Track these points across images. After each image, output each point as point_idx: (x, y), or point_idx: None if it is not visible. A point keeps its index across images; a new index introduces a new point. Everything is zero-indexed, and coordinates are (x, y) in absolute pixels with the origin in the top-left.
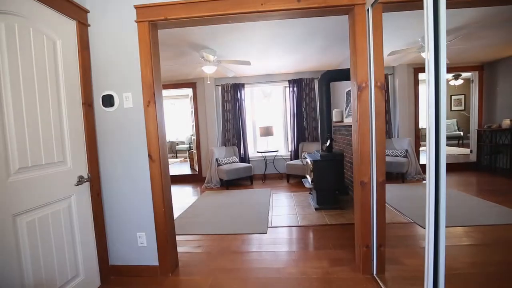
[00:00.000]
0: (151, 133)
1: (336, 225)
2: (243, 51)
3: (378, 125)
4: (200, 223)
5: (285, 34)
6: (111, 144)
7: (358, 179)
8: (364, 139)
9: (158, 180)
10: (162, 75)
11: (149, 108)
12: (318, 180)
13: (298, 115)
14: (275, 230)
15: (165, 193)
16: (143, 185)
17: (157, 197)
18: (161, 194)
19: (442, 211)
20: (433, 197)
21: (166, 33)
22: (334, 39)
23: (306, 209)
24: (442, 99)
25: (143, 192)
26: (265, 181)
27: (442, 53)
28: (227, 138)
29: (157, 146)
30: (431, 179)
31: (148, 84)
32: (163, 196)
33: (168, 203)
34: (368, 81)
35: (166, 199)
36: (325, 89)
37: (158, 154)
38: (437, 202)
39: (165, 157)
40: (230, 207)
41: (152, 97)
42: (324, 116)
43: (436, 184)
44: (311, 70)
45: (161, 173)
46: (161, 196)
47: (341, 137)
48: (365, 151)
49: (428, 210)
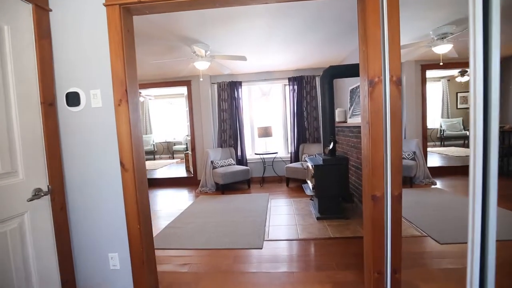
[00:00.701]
0: (123, 137)
1: (340, 239)
2: (238, 46)
3: (393, 127)
4: (189, 234)
5: (283, 26)
6: (77, 150)
7: (368, 193)
8: (377, 144)
9: (131, 192)
10: (154, 72)
11: (121, 108)
12: (320, 187)
13: (299, 114)
14: (272, 245)
15: (141, 207)
16: (115, 198)
17: (130, 212)
18: (135, 209)
19: (492, 236)
20: (479, 213)
21: (152, 24)
22: (337, 30)
23: (307, 219)
24: (493, 89)
25: (115, 206)
26: (263, 185)
27: (495, 31)
28: (223, 139)
29: (130, 153)
30: (476, 190)
31: (120, 80)
32: (138, 211)
33: (144, 219)
34: (381, 75)
35: (142, 214)
36: (328, 87)
37: (131, 162)
38: (484, 220)
39: (141, 164)
40: (224, 215)
41: (124, 95)
42: (326, 116)
43: (483, 199)
44: (312, 66)
45: (135, 184)
46: (136, 211)
47: (345, 138)
48: (378, 159)
49: (472, 231)
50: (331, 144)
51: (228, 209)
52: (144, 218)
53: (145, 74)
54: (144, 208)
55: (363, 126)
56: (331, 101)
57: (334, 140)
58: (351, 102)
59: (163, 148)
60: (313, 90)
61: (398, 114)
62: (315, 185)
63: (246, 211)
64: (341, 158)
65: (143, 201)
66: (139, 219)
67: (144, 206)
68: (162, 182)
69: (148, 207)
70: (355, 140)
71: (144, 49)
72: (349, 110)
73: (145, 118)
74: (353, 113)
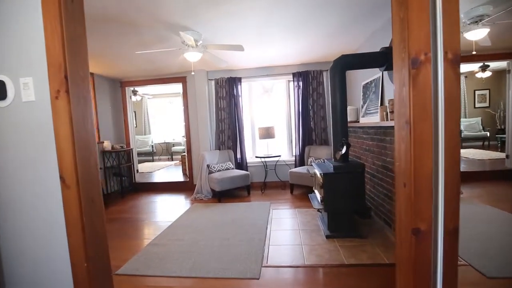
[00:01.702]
0: (63, 141)
1: (357, 267)
2: (234, 36)
3: (449, 129)
4: (173, 256)
5: (284, 11)
6: (3, 158)
7: (407, 224)
8: (423, 154)
9: (75, 216)
10: (145, 68)
11: (59, 102)
12: (330, 200)
13: (304, 113)
14: (272, 273)
15: (91, 236)
16: (56, 224)
17: (74, 243)
18: (81, 239)
19: None
20: None
21: (138, 11)
22: (351, 13)
23: (314, 236)
24: None
25: (55, 234)
26: (264, 191)
27: None
28: (221, 140)
29: (73, 163)
30: None
31: (57, 64)
32: (85, 243)
33: (97, 253)
34: (430, 51)
35: (93, 246)
36: (339, 79)
37: (75, 176)
38: None
39: (91, 178)
40: (218, 230)
41: (63, 84)
42: (337, 115)
43: None
44: (319, 60)
45: (81, 206)
46: (82, 242)
47: (357, 140)
48: (424, 176)
49: None
50: (344, 148)
51: (223, 221)
52: (96, 252)
53: (136, 70)
54: (97, 238)
55: (398, 127)
56: (343, 97)
57: (347, 143)
58: (364, 99)
59: (162, 149)
60: (320, 87)
61: (455, 108)
62: (325, 198)
63: (243, 224)
64: (356, 164)
65: (94, 228)
66: (86, 254)
67: (97, 234)
68: (155, 187)
69: (103, 236)
70: (370, 143)
71: (131, 40)
72: (361, 108)
73: (144, 118)
74: (366, 111)
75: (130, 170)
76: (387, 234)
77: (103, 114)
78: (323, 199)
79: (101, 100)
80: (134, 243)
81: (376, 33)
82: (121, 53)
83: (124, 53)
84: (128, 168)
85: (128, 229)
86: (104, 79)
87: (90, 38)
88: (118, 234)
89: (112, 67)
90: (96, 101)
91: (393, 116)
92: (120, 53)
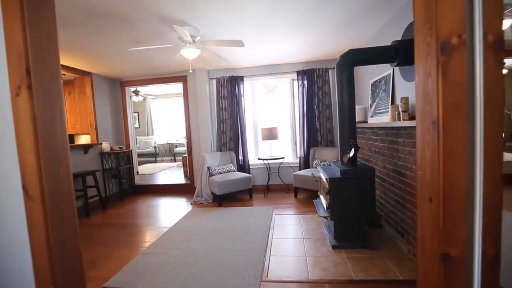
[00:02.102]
0: (25, 145)
1: (366, 283)
2: (235, 31)
3: (489, 131)
4: (166, 268)
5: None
6: None
7: (434, 249)
8: (456, 162)
9: (40, 234)
10: (143, 67)
11: (20, 100)
12: (337, 207)
13: (309, 114)
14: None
15: (61, 259)
16: (21, 243)
17: (40, 267)
18: (46, 262)
19: None
20: None
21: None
22: (358, 6)
23: (320, 246)
24: None
25: (20, 255)
26: (267, 195)
27: None
28: (223, 141)
29: (37, 171)
30: None
31: (17, 54)
32: (52, 267)
33: (68, 277)
34: (465, 32)
35: (63, 271)
36: (347, 76)
37: (39, 186)
38: None
39: (61, 189)
40: (217, 237)
41: (25, 79)
42: (344, 114)
43: None
44: (324, 58)
45: (47, 223)
46: (48, 267)
47: (366, 142)
48: (457, 189)
49: None
50: (352, 151)
51: (222, 228)
52: (66, 278)
53: (135, 69)
54: (68, 260)
55: (422, 129)
56: (351, 95)
57: (356, 146)
58: (373, 98)
59: (165, 150)
60: (325, 85)
61: (498, 106)
62: (331, 205)
63: (243, 232)
64: (366, 169)
65: (64, 249)
66: (54, 281)
67: (68, 256)
68: (156, 189)
69: (77, 258)
70: (380, 145)
71: (125, 36)
72: (370, 108)
73: (147, 118)
74: (375, 111)
75: (130, 172)
76: (400, 245)
77: (101, 114)
78: (329, 206)
79: (100, 100)
80: (127, 251)
81: (384, 29)
82: (118, 52)
83: (121, 51)
84: (128, 170)
85: (123, 236)
86: (103, 79)
87: (86, 36)
88: (111, 241)
89: (111, 66)
90: (94, 101)
91: (406, 115)
92: (117, 52)
